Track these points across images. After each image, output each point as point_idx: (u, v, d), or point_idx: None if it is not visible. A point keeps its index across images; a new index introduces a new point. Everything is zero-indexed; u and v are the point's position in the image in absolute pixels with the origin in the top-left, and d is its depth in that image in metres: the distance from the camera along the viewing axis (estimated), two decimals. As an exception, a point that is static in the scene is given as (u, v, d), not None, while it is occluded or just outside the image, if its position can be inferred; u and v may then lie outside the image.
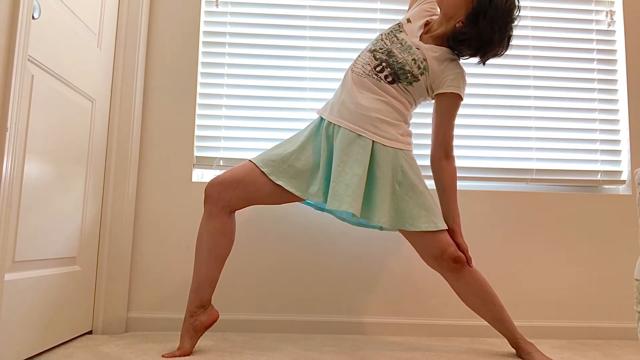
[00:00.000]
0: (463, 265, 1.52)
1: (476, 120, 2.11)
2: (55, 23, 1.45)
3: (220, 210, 1.53)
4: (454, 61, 1.60)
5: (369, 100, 1.56)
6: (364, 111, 1.55)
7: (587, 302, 2.01)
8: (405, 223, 1.52)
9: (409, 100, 1.60)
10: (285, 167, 1.54)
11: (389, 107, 1.56)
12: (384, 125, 1.54)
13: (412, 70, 1.55)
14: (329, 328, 1.91)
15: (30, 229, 1.36)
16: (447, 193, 1.60)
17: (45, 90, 1.41)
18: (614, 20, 2.19)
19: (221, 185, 1.54)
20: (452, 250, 1.52)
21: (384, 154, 1.53)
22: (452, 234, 1.56)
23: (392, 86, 1.57)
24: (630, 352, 1.71)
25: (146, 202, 1.94)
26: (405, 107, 1.60)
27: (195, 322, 1.52)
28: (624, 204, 2.07)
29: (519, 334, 1.59)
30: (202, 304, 1.53)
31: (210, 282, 1.53)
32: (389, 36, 1.62)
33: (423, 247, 1.56)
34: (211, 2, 2.09)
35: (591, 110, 2.16)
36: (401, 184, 1.52)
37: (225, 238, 1.55)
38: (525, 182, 2.10)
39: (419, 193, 1.53)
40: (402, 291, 1.97)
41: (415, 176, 1.55)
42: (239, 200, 1.55)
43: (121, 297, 1.84)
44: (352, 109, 1.55)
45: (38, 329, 1.42)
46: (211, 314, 1.54)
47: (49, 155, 1.45)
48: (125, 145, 1.88)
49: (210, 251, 1.53)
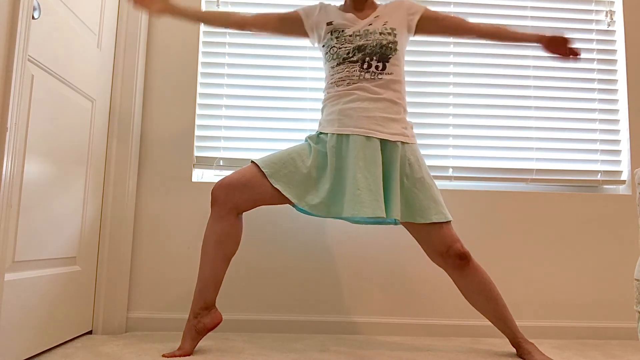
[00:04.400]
0: (468, 262, 1.53)
1: (476, 120, 2.11)
2: (55, 23, 1.45)
3: (228, 213, 1.54)
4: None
5: (367, 103, 1.57)
6: (366, 113, 1.56)
7: (587, 302, 2.01)
8: (415, 216, 1.53)
9: (401, 76, 1.63)
10: (285, 172, 1.54)
11: (387, 103, 1.58)
12: (388, 122, 1.57)
13: (388, 39, 1.60)
14: (329, 328, 1.91)
15: (30, 229, 1.36)
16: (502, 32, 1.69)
17: (45, 90, 1.41)
18: (614, 20, 2.19)
19: (228, 188, 1.54)
20: (457, 247, 1.53)
21: (393, 149, 1.55)
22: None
23: (385, 75, 1.60)
24: (630, 352, 1.71)
25: (146, 202, 1.94)
26: (400, 93, 1.62)
27: (199, 324, 1.52)
28: (624, 204, 2.07)
29: (520, 333, 1.59)
30: (206, 305, 1.53)
31: (215, 283, 1.53)
32: (341, 41, 1.62)
33: (429, 242, 1.56)
34: (211, 2, 2.09)
35: (591, 110, 2.16)
36: (409, 177, 1.55)
37: (232, 240, 1.55)
38: (525, 182, 2.10)
39: (427, 186, 1.55)
40: (403, 291, 1.97)
41: (422, 169, 1.57)
42: (247, 202, 1.55)
43: (121, 297, 1.84)
44: (354, 114, 1.56)
45: (38, 329, 1.42)
46: (214, 316, 1.54)
47: (49, 155, 1.44)
48: (125, 145, 1.88)
49: (217, 253, 1.53)
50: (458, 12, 2.15)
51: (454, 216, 1.99)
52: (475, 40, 1.93)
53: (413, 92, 2.10)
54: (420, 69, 2.12)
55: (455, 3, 2.16)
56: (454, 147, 2.09)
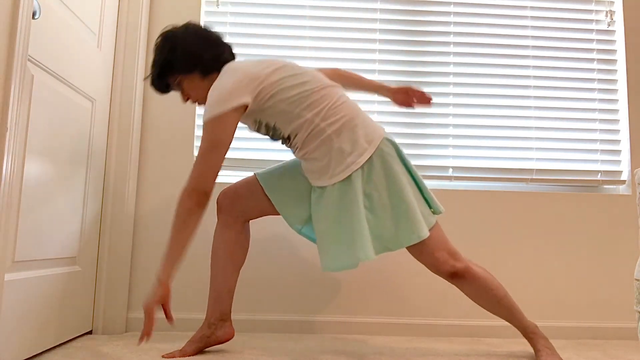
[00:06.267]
0: (461, 278, 1.44)
1: (476, 120, 2.11)
2: (55, 23, 1.45)
3: (234, 220, 1.54)
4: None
5: (300, 160, 1.51)
6: (305, 170, 1.50)
7: (587, 302, 2.01)
8: (388, 245, 1.40)
9: (299, 124, 1.41)
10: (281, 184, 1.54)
11: (307, 149, 1.43)
12: (319, 167, 1.43)
13: (257, 123, 1.49)
14: (329, 328, 1.91)
15: (30, 229, 1.36)
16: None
17: (45, 90, 1.41)
18: (614, 20, 2.19)
19: (234, 195, 1.54)
20: (446, 268, 1.42)
21: (338, 192, 1.39)
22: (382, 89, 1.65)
23: (291, 139, 1.46)
24: (630, 352, 1.71)
25: (146, 202, 1.94)
26: (312, 124, 1.41)
27: (212, 335, 1.51)
28: (624, 204, 2.07)
29: (531, 328, 1.52)
30: (222, 316, 1.53)
31: (228, 292, 1.53)
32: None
33: (420, 260, 1.47)
34: (211, 2, 2.09)
35: (591, 110, 2.16)
36: (369, 208, 1.38)
37: (241, 247, 1.56)
38: (525, 182, 2.10)
39: (391, 206, 1.38)
40: (402, 291, 1.96)
41: (382, 188, 1.38)
42: (253, 210, 1.55)
43: (121, 297, 1.84)
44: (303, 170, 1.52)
45: (38, 329, 1.42)
46: (228, 331, 1.54)
47: (49, 155, 1.44)
48: (125, 145, 1.88)
49: (227, 261, 1.53)
50: (458, 12, 2.15)
51: (454, 216, 1.99)
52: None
53: (413, 92, 2.10)
54: (420, 69, 2.12)
55: (455, 3, 2.16)
56: (454, 147, 2.09)
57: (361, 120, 1.43)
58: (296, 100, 1.38)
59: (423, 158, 2.07)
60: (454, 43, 2.14)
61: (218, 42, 1.49)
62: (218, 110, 1.32)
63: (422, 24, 2.15)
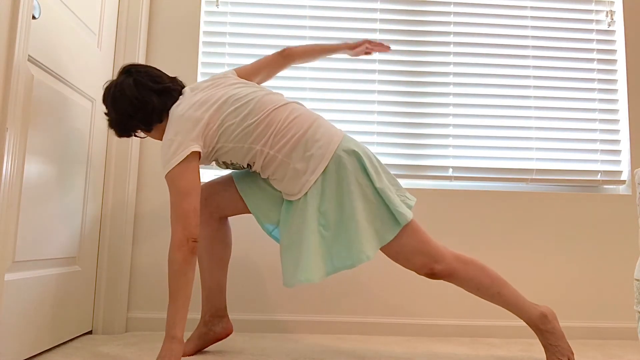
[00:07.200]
0: (445, 277, 1.42)
1: (476, 120, 2.11)
2: (55, 23, 1.45)
3: (209, 217, 1.52)
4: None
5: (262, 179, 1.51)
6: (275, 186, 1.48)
7: (587, 302, 2.01)
8: (346, 262, 1.35)
9: (252, 155, 1.41)
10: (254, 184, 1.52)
11: (267, 173, 1.43)
12: (284, 186, 1.42)
13: (216, 162, 1.49)
14: (329, 328, 1.91)
15: (30, 229, 1.36)
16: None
17: (45, 90, 1.41)
18: (614, 20, 2.19)
19: (208, 192, 1.52)
20: (425, 271, 1.40)
21: (296, 209, 1.39)
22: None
23: (251, 167, 1.46)
24: (630, 352, 1.71)
25: (146, 202, 1.94)
26: (263, 153, 1.39)
27: (209, 332, 1.51)
28: (624, 204, 2.07)
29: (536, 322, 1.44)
30: (217, 312, 1.52)
31: (218, 288, 1.53)
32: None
33: (399, 264, 1.44)
34: (211, 2, 2.09)
35: (591, 110, 2.16)
36: (325, 226, 1.36)
37: (220, 243, 1.54)
38: (525, 182, 2.10)
39: (343, 224, 1.36)
40: (402, 291, 1.97)
41: (335, 204, 1.37)
42: (226, 207, 1.53)
43: (121, 297, 1.84)
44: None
45: (38, 329, 1.42)
46: (226, 327, 1.54)
47: (49, 155, 1.44)
48: (125, 145, 1.88)
49: (210, 258, 1.52)
50: (458, 12, 2.15)
51: (454, 216, 1.99)
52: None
53: (413, 92, 2.10)
54: (420, 69, 2.12)
55: (455, 3, 2.16)
56: (454, 147, 2.09)
57: (312, 132, 1.39)
58: (243, 137, 1.38)
59: (423, 158, 2.07)
60: (454, 43, 2.14)
61: (153, 93, 1.43)
62: (173, 163, 1.33)
63: (422, 24, 2.15)
